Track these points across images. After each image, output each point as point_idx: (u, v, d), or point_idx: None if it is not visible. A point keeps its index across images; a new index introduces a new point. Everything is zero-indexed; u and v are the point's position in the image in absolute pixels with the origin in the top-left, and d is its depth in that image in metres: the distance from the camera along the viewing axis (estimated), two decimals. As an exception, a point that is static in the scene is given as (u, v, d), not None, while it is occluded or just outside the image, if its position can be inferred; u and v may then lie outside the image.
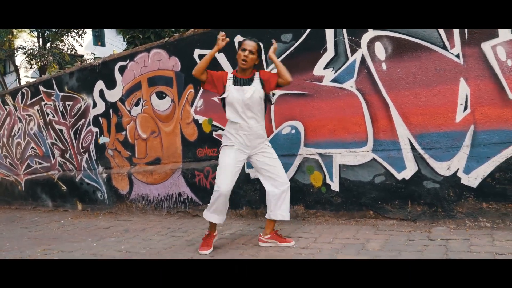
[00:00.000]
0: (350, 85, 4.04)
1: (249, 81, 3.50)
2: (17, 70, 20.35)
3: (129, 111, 5.98)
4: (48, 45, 19.47)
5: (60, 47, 19.90)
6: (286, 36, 4.36)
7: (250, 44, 3.44)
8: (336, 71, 4.11)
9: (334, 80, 4.12)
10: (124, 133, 6.09)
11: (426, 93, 3.66)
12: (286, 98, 4.43)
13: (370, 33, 3.88)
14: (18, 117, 7.97)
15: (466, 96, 3.50)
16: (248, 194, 4.71)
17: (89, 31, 21.66)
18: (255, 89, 3.45)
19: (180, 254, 3.56)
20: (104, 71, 6.26)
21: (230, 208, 4.89)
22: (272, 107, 4.51)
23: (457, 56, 3.51)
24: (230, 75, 3.55)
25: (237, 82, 3.51)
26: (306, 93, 4.29)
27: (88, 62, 7.01)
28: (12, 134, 8.17)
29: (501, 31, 3.32)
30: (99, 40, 31.15)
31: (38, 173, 7.70)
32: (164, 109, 5.55)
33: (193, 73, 3.51)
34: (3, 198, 8.66)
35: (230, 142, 3.52)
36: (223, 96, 3.51)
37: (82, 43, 20.72)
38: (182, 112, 5.34)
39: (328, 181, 4.21)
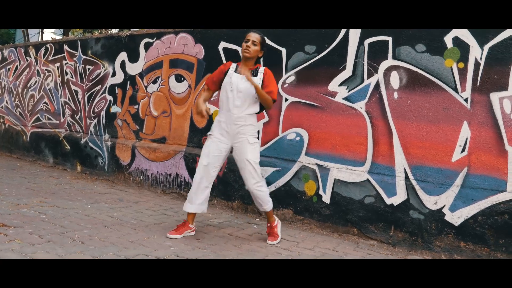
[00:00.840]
0: (360, 106, 4.21)
1: (251, 73, 3.60)
2: (42, 24, 20.50)
3: (146, 87, 6.16)
4: (77, 5, 19.60)
5: (88, 9, 20.06)
6: (309, 47, 4.53)
7: (253, 36, 3.56)
8: (350, 90, 4.28)
9: (346, 98, 4.30)
10: (136, 107, 6.27)
11: (429, 128, 3.83)
12: (297, 105, 4.60)
13: (389, 61, 4.05)
14: (37, 71, 8.15)
15: (466, 139, 3.67)
16: (243, 189, 4.88)
17: None
18: (253, 80, 3.52)
19: (166, 232, 3.73)
20: (129, 43, 6.44)
21: (222, 199, 5.10)
22: (283, 111, 4.68)
23: (466, 100, 3.68)
24: (233, 65, 3.71)
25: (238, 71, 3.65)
26: (317, 105, 4.47)
27: (115, 32, 7.17)
28: (28, 85, 8.35)
29: (511, 85, 3.50)
30: (127, 11, 31.33)
31: (46, 128, 7.89)
32: (180, 92, 5.73)
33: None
34: (6, 145, 8.85)
35: (212, 131, 3.70)
36: (224, 80, 3.64)
37: (110, 10, 20.85)
38: (197, 98, 5.51)
39: (321, 192, 4.38)
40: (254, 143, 3.63)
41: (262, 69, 3.67)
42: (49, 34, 22.31)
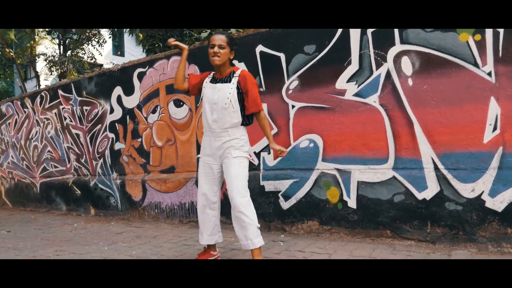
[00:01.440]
0: (373, 100, 3.95)
1: (223, 80, 3.22)
2: (37, 76, 20.61)
3: (146, 118, 5.95)
4: (69, 52, 19.73)
5: (80, 55, 20.16)
6: (309, 48, 4.30)
7: (218, 38, 3.15)
8: (359, 85, 4.03)
9: (357, 94, 4.04)
10: (139, 140, 6.06)
11: (453, 111, 3.55)
12: (305, 110, 4.35)
13: (397, 47, 3.79)
14: (36, 120, 8.01)
15: (496, 116, 3.38)
16: (262, 207, 4.61)
17: (109, 41, 21.84)
18: (224, 87, 3.17)
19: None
20: (122, 77, 6.26)
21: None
22: (291, 119, 4.43)
23: (489, 74, 3.41)
24: (210, 75, 3.34)
25: (213, 81, 3.27)
26: (327, 107, 4.21)
27: (106, 68, 7.02)
28: (30, 137, 8.21)
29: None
30: (118, 49, 31.48)
31: (54, 177, 7.70)
32: (181, 117, 5.51)
33: (175, 87, 3.44)
34: (19, 200, 8.67)
35: (201, 152, 3.38)
36: (202, 90, 3.32)
37: (102, 52, 20.96)
38: (199, 121, 5.29)
39: (345, 198, 4.09)
40: (238, 156, 3.15)
41: (238, 72, 3.22)
42: (44, 82, 22.42)
